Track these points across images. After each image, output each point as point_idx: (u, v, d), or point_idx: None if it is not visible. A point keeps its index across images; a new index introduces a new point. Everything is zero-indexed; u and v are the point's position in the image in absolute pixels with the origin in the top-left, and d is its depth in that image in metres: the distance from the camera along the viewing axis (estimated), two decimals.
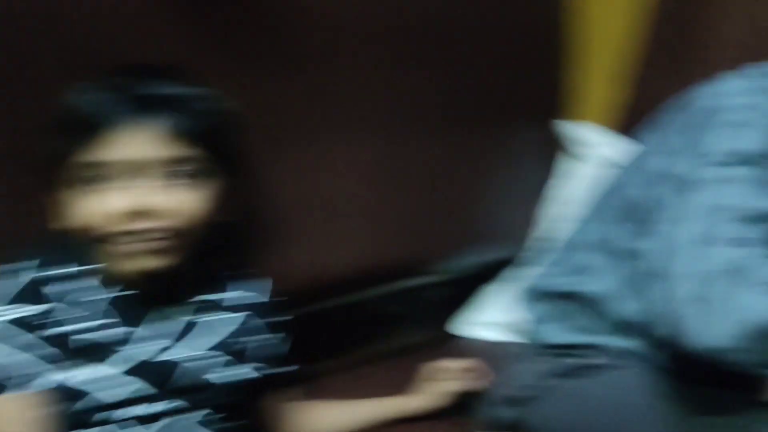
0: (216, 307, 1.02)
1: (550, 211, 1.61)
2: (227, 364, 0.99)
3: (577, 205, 1.31)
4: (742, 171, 0.87)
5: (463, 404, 1.20)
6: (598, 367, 1.11)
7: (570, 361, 1.14)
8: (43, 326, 0.90)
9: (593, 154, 1.55)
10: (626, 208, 1.08)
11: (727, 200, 0.85)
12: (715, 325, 0.77)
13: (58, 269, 0.93)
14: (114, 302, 0.93)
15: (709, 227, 0.82)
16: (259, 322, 1.06)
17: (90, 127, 0.86)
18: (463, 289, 1.62)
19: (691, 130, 0.95)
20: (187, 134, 0.88)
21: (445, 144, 1.47)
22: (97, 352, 0.91)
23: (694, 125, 0.96)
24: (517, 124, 1.60)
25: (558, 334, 1.17)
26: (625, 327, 1.10)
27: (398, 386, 1.22)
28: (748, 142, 0.89)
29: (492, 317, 1.49)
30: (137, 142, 0.86)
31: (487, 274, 1.60)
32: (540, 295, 1.22)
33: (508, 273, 1.53)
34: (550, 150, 1.62)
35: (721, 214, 0.83)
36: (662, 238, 0.88)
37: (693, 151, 0.92)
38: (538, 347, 1.20)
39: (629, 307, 1.08)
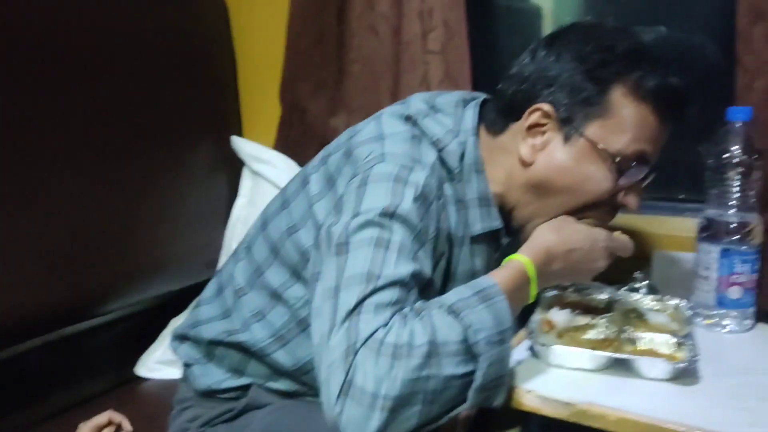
0: None
1: (231, 233, 1.58)
2: None
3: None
4: (396, 233, 0.86)
5: None
6: (248, 409, 1.09)
7: (220, 407, 1.10)
8: None
9: (266, 173, 1.54)
10: (286, 252, 1.03)
11: (376, 268, 0.82)
12: (357, 414, 0.76)
13: None
14: None
15: (355, 300, 0.80)
16: None
17: None
18: (145, 326, 1.52)
19: (354, 183, 0.92)
20: None
21: (124, 169, 1.39)
22: None
23: (357, 175, 0.92)
24: (195, 144, 1.56)
25: (208, 377, 1.11)
26: (279, 373, 1.08)
27: None
28: (403, 200, 0.88)
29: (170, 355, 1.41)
30: None
31: (169, 306, 1.52)
32: (186, 338, 1.16)
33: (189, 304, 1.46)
34: (228, 169, 1.60)
35: (369, 285, 0.81)
36: (322, 317, 0.83)
37: (355, 206, 0.88)
38: (192, 390, 1.14)
39: (282, 359, 1.05)
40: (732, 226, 1.08)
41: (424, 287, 0.87)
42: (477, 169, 0.99)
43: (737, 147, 1.07)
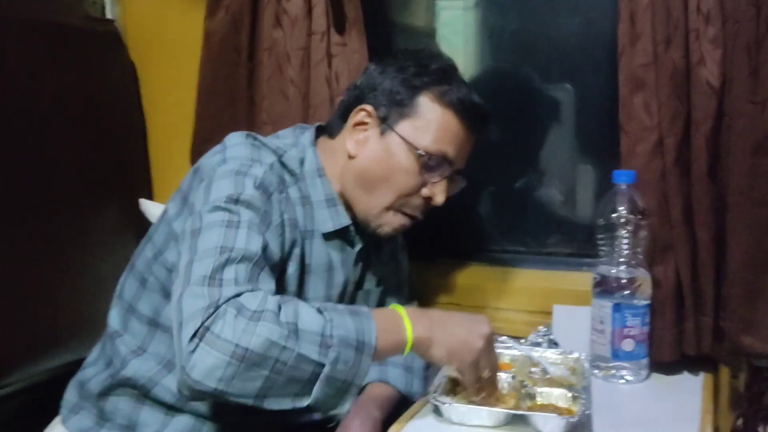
0: None
1: None
2: None
3: None
4: (243, 214, 0.95)
5: None
6: None
7: None
8: None
9: None
10: (154, 277, 1.10)
11: (228, 242, 0.91)
12: (207, 360, 0.80)
13: None
14: None
15: (212, 267, 0.88)
16: None
17: None
18: (46, 398, 1.46)
19: (202, 186, 1.01)
20: None
21: (24, 233, 1.34)
22: None
23: (204, 180, 1.02)
24: (102, 206, 1.53)
25: None
26: (173, 409, 1.09)
27: None
28: (245, 188, 0.98)
29: None
30: None
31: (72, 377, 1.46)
32: (75, 405, 1.17)
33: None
34: (135, 232, 1.57)
35: (223, 256, 0.89)
36: (177, 285, 0.91)
37: (204, 201, 0.98)
38: None
39: (172, 383, 1.06)
40: (623, 281, 1.15)
41: (277, 268, 0.97)
42: (319, 174, 1.12)
43: (624, 207, 1.15)
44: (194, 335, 0.81)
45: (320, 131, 1.19)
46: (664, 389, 1.15)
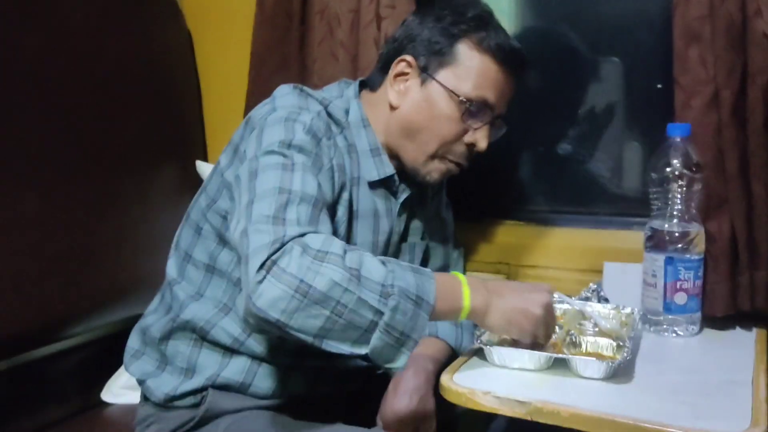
0: None
1: None
2: None
3: None
4: (297, 157, 0.98)
5: None
6: (208, 418, 1.12)
7: (180, 417, 1.13)
8: None
9: None
10: (209, 225, 1.14)
11: (286, 184, 0.94)
12: (273, 291, 0.83)
13: None
14: None
15: (274, 207, 0.91)
16: None
17: None
18: (110, 351, 1.52)
19: (253, 134, 1.04)
20: None
21: (88, 193, 1.41)
22: None
23: (255, 129, 1.05)
24: (160, 168, 1.59)
25: (163, 386, 1.15)
26: (230, 351, 1.12)
27: None
28: (295, 134, 1.02)
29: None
30: None
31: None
32: (138, 351, 1.21)
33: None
34: (192, 194, 1.62)
35: (282, 196, 0.92)
36: (238, 224, 0.94)
37: (257, 148, 1.01)
38: (151, 407, 1.17)
39: (231, 327, 1.11)
40: (675, 235, 1.14)
41: (329, 210, 0.99)
42: (364, 125, 1.15)
43: (677, 161, 1.14)
44: (261, 267, 0.84)
45: (363, 85, 1.21)
46: (716, 343, 1.14)
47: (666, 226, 1.15)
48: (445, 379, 0.97)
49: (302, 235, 0.87)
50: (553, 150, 1.56)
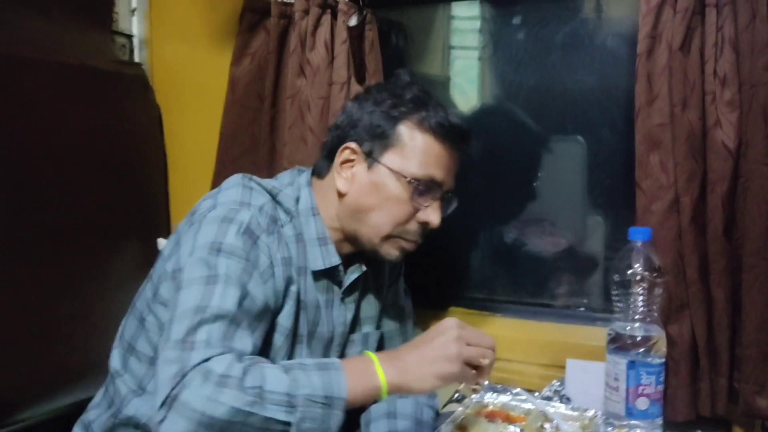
0: None
1: None
2: None
3: None
4: (221, 267, 0.97)
5: None
6: None
7: None
8: None
9: None
10: (153, 315, 1.11)
11: (205, 301, 0.93)
12: (176, 428, 0.83)
13: None
14: None
15: (185, 330, 0.90)
16: None
17: None
18: None
19: (191, 230, 1.04)
20: None
21: (43, 269, 1.37)
22: None
23: (194, 224, 1.05)
24: (121, 245, 1.56)
25: None
26: None
27: None
28: (227, 236, 1.01)
29: None
30: None
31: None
32: None
33: None
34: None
35: (197, 316, 0.91)
36: (160, 344, 0.93)
37: (191, 248, 1.01)
38: None
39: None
40: (638, 339, 1.14)
41: (263, 315, 1.00)
42: (313, 213, 1.15)
43: (639, 264, 1.15)
44: (163, 404, 0.84)
45: (312, 172, 1.22)
46: None
47: (628, 328, 1.16)
48: None
49: (206, 359, 0.86)
50: (518, 242, 1.57)
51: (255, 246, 1.03)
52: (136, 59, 1.68)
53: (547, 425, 1.11)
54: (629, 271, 1.16)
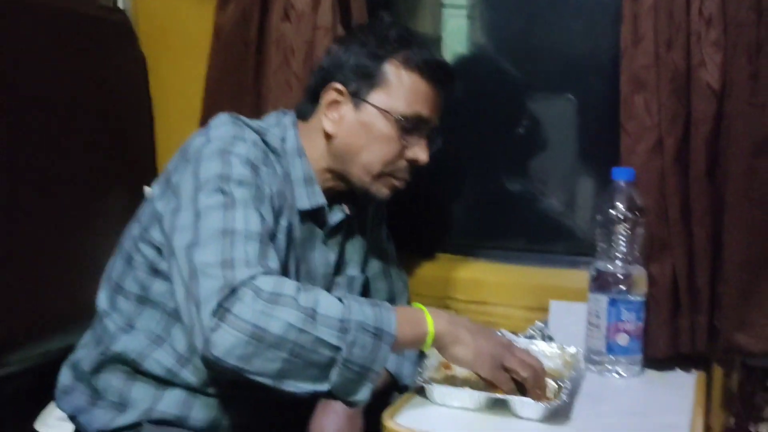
0: None
1: None
2: None
3: None
4: (236, 193, 0.98)
5: None
6: None
7: None
8: None
9: None
10: (140, 255, 1.11)
11: (229, 224, 0.94)
12: (228, 339, 0.84)
13: None
14: None
15: (221, 251, 0.91)
16: None
17: None
18: (47, 380, 1.47)
19: (189, 167, 1.04)
20: None
21: (29, 217, 1.36)
22: None
23: (190, 161, 1.05)
24: (107, 193, 1.55)
25: (95, 421, 1.12)
26: (164, 383, 1.10)
27: None
28: (233, 167, 1.02)
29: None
30: None
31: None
32: (68, 386, 1.18)
33: None
34: None
35: (227, 238, 0.93)
36: (181, 268, 0.94)
37: (194, 183, 1.01)
38: None
39: (165, 359, 1.09)
40: (619, 277, 1.16)
41: (274, 241, 1.01)
42: (299, 154, 1.16)
43: (622, 204, 1.16)
44: (214, 314, 0.85)
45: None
46: (656, 385, 1.16)
47: (610, 267, 1.17)
48: (386, 419, 0.96)
49: (252, 277, 0.88)
50: (502, 185, 1.58)
51: (258, 175, 1.04)
52: (120, 6, 1.66)
53: None
54: (612, 211, 1.17)
